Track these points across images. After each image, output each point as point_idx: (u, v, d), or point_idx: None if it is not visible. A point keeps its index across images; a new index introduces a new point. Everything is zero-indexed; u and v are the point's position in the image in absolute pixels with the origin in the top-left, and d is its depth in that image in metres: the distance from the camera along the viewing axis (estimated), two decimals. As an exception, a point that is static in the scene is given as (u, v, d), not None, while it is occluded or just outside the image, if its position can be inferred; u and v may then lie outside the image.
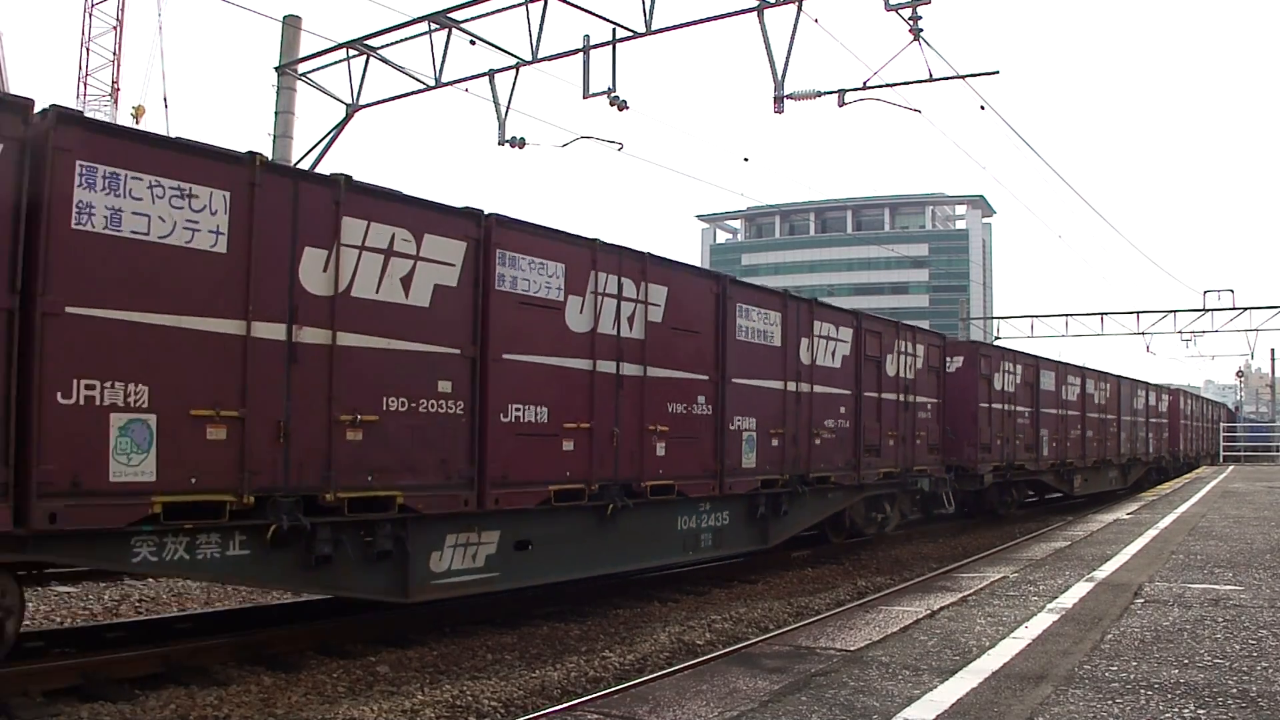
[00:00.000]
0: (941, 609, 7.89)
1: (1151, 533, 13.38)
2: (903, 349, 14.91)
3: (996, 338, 43.59)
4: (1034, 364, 20.69)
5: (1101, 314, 42.27)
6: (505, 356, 8.32)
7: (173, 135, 6.54)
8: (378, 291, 7.38)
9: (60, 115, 5.82)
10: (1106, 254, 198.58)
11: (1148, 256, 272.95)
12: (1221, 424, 46.46)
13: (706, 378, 10.71)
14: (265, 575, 7.06)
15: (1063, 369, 22.52)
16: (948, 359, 17.06)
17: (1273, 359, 61.91)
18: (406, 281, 7.58)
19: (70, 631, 7.96)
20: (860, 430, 13.61)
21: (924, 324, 17.09)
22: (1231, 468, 35.11)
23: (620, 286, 9.56)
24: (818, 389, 12.73)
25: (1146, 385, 31.20)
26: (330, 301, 7.06)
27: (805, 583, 12.27)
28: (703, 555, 11.21)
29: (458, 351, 7.93)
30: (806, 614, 9.64)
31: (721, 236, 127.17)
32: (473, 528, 8.23)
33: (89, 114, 6.71)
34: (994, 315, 59.96)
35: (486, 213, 8.30)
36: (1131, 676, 5.55)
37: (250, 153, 6.74)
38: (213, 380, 6.39)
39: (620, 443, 9.43)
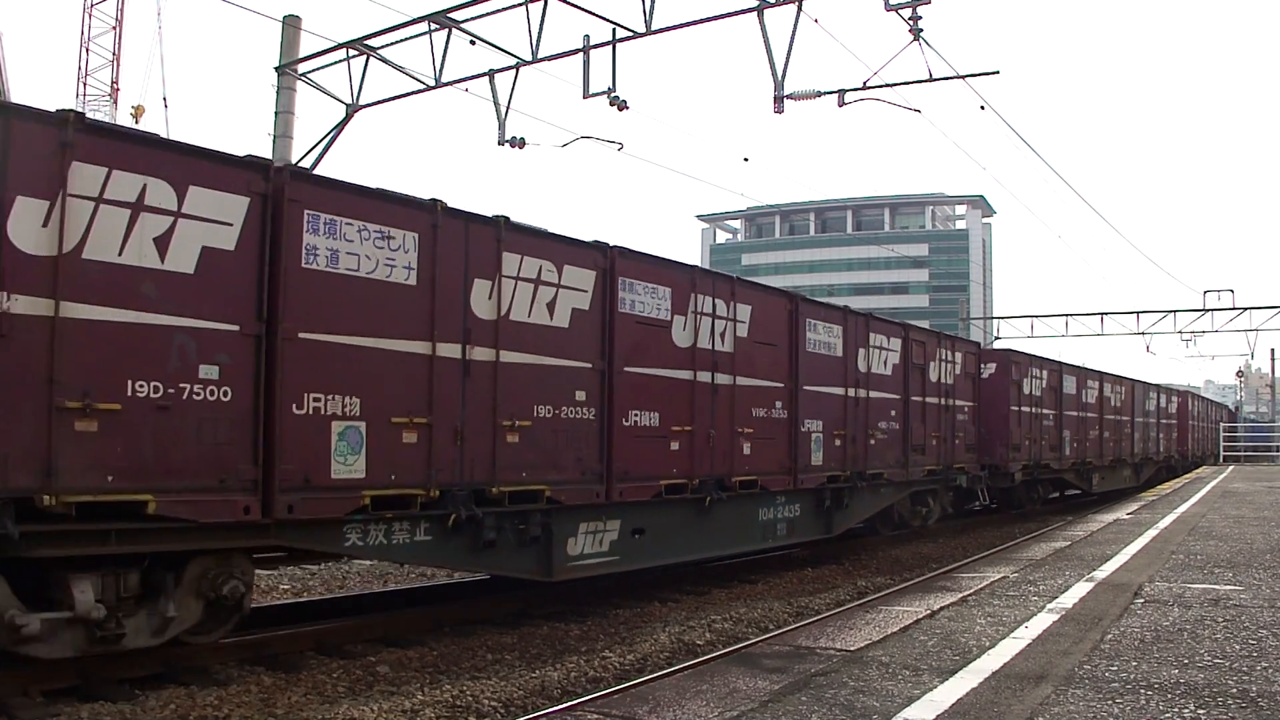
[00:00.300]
0: (941, 609, 7.89)
1: (1151, 533, 13.38)
2: (944, 356, 16.41)
3: (996, 338, 43.61)
4: (1058, 369, 22.02)
5: (1101, 314, 42.25)
6: (626, 369, 9.71)
7: (372, 186, 7.60)
8: (530, 315, 8.75)
9: (293, 172, 7.30)
10: (1106, 254, 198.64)
11: (1148, 256, 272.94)
12: (1221, 424, 46.51)
13: (782, 385, 12.13)
14: (444, 557, 8.36)
15: (1083, 374, 23.85)
16: (982, 365, 18.45)
17: (1273, 359, 61.97)
18: (551, 306, 8.95)
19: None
20: (908, 431, 15.00)
21: (924, 324, 17.60)
22: (1231, 468, 35.11)
23: (714, 306, 10.93)
24: (873, 394, 14.13)
25: (1158, 388, 32.63)
26: (494, 324, 8.36)
27: (805, 583, 12.28)
28: (778, 542, 12.56)
29: (590, 365, 9.29)
30: (806, 614, 9.64)
31: (721, 236, 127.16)
32: (600, 517, 9.56)
33: (88, 115, 6.75)
34: (994, 315, 59.94)
35: (611, 245, 9.66)
36: (1131, 676, 5.55)
37: (433, 200, 7.92)
38: (406, 392, 7.65)
39: (715, 443, 10.80)
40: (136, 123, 39.75)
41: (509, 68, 15.60)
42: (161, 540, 6.44)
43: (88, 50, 41.23)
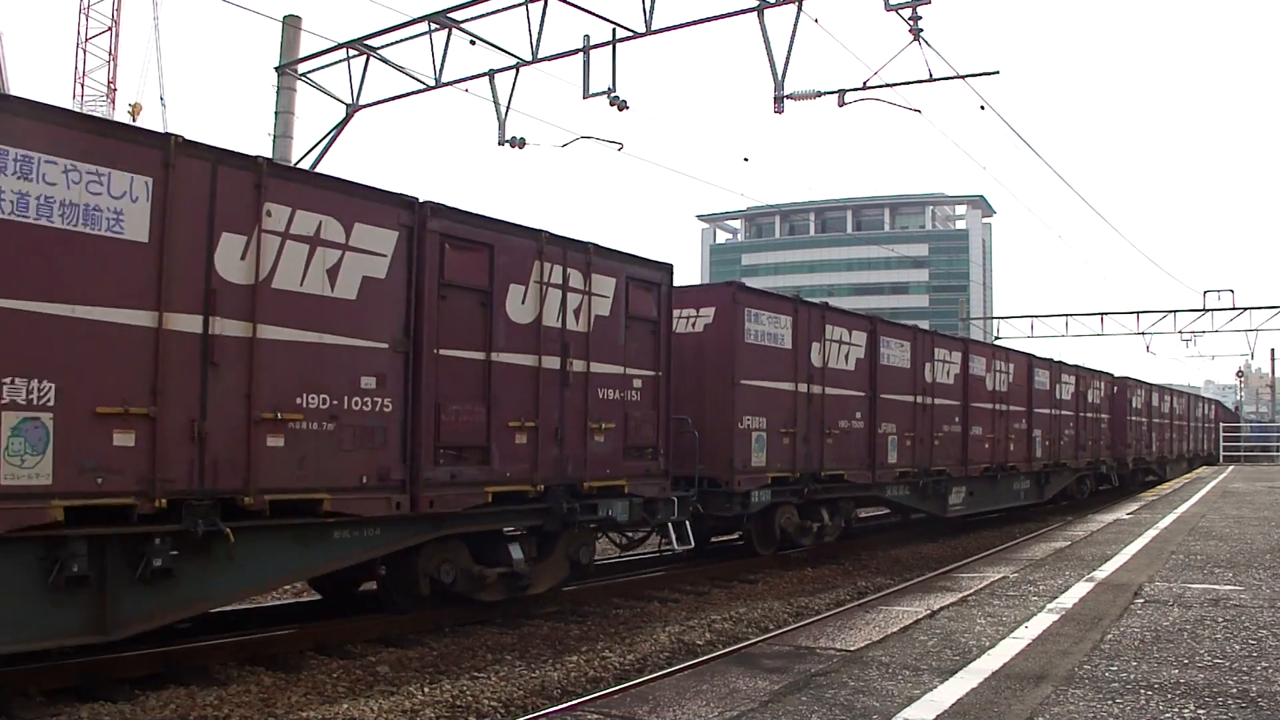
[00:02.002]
0: (941, 609, 7.89)
1: (1151, 533, 13.38)
2: (1095, 385, 25.37)
3: (997, 338, 43.57)
4: (1149, 388, 30.82)
5: (1101, 314, 42.28)
6: (972, 405, 18.09)
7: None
8: (947, 378, 17.36)
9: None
10: (1106, 254, 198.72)
11: (1148, 256, 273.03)
12: (1222, 424, 46.80)
13: (1024, 409, 20.43)
14: (913, 501, 16.33)
15: (1163, 391, 33.33)
16: (1111, 388, 27.10)
17: (1273, 359, 61.99)
18: (950, 371, 17.28)
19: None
20: (1079, 435, 23.72)
21: (924, 324, 20.11)
22: (1231, 468, 35.13)
23: (997, 366, 19.26)
24: (1063, 412, 22.76)
25: (1204, 399, 43.56)
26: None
27: (805, 583, 12.27)
28: (1019, 502, 20.62)
29: (958, 403, 17.55)
30: (806, 614, 9.64)
31: (721, 236, 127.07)
32: (960, 484, 17.51)
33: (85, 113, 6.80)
34: (994, 315, 59.92)
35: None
36: (1131, 676, 5.55)
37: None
38: (903, 417, 15.60)
39: (1000, 442, 19.06)
40: (134, 120, 39.77)
41: (509, 68, 15.60)
42: (837, 492, 14.08)
43: (84, 51, 41.31)
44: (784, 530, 13.07)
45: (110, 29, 41.41)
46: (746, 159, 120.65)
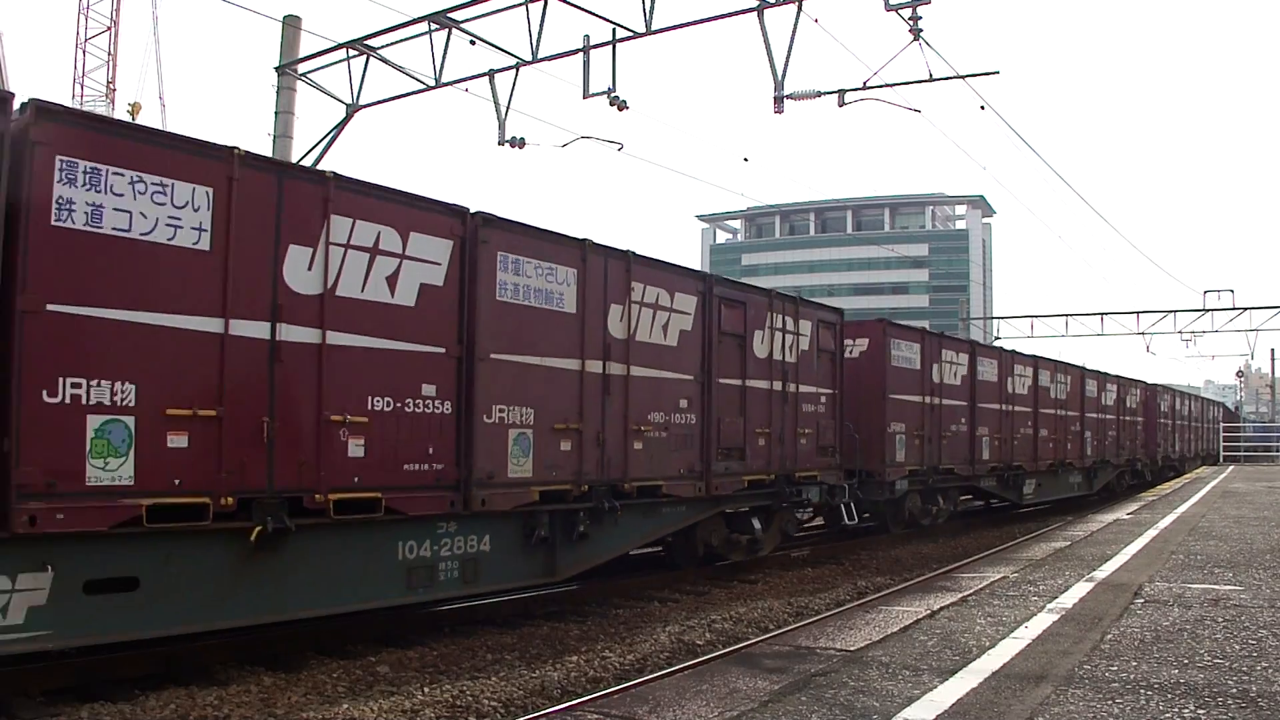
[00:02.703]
0: (941, 609, 7.89)
1: (1151, 533, 13.38)
2: (1132, 392, 28.93)
3: (997, 338, 43.60)
4: (1173, 393, 35.06)
5: (1101, 314, 42.34)
6: (1041, 411, 21.17)
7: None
8: (1023, 389, 20.55)
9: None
10: (1106, 254, 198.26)
11: (1148, 256, 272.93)
12: (1221, 424, 46.85)
13: (1077, 414, 23.54)
14: (996, 490, 19.32)
15: (1184, 395, 38.22)
16: (1145, 394, 30.66)
17: (1273, 359, 62.02)
18: (1025, 384, 20.33)
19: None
20: (1119, 436, 27.24)
21: (924, 324, 20.81)
22: (1231, 468, 35.15)
23: (1060, 378, 22.76)
24: (1107, 416, 26.22)
25: (1213, 403, 49.48)
26: (1013, 396, 19.92)
27: (805, 583, 12.27)
28: (1073, 493, 23.60)
29: (1030, 410, 20.50)
30: (806, 614, 9.64)
31: (721, 236, 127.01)
32: (1031, 477, 20.40)
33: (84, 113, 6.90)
34: (994, 315, 59.91)
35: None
36: (1131, 676, 5.55)
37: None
38: (992, 421, 19.18)
39: (1060, 442, 22.15)
40: (134, 118, 39.81)
41: (509, 68, 15.59)
42: (948, 482, 17.36)
43: (84, 51, 41.30)
44: (911, 512, 16.43)
45: (110, 29, 41.42)
46: (746, 159, 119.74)
